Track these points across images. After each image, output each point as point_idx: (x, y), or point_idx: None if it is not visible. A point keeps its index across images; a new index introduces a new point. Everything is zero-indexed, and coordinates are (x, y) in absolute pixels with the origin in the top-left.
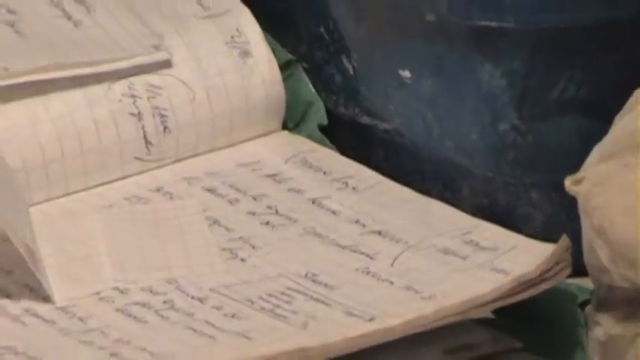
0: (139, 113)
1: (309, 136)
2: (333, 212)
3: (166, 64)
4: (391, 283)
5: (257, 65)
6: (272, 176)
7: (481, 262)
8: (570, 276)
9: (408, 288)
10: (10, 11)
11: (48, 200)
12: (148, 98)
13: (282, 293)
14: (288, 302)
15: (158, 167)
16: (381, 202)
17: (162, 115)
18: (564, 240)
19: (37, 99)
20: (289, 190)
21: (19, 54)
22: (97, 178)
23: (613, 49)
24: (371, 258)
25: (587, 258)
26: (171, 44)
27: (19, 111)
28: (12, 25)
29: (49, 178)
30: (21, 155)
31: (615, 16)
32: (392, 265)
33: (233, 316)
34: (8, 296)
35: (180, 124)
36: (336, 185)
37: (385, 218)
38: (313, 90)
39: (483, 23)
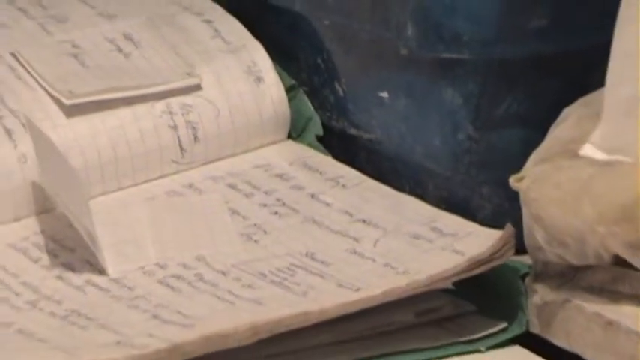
0: (175, 126)
1: (309, 145)
2: (327, 204)
3: (197, 88)
4: (373, 260)
5: (268, 89)
6: (279, 176)
7: (444, 244)
8: (513, 254)
9: (387, 265)
10: (74, 46)
11: (103, 194)
12: (182, 114)
13: (288, 268)
14: (292, 275)
15: (190, 169)
16: (365, 197)
17: (194, 128)
18: (509, 227)
19: (96, 115)
20: (292, 187)
21: (82, 80)
22: (142, 176)
23: (546, 75)
24: (357, 241)
25: (527, 240)
26: (201, 72)
27: (81, 124)
28: (76, 56)
29: (104, 177)
30: (83, 159)
31: (547, 50)
32: (374, 246)
33: (249, 286)
34: (72, 270)
35: (208, 135)
36: (329, 183)
37: (368, 210)
38: (312, 108)
39: (445, 55)
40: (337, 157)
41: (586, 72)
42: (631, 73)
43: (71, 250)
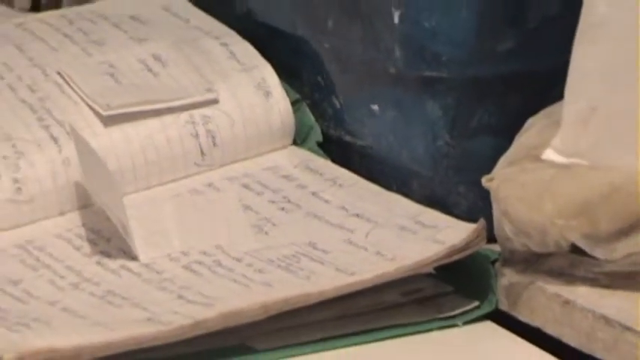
0: (196, 134)
1: (310, 150)
2: (326, 201)
3: (215, 101)
4: (366, 249)
5: (275, 102)
6: (286, 176)
7: (426, 235)
8: (485, 243)
9: (377, 253)
10: (110, 66)
11: (135, 192)
12: (203, 124)
13: (293, 256)
14: (296, 262)
15: (209, 170)
16: (359, 195)
17: (212, 135)
18: (481, 221)
19: (129, 124)
20: (297, 186)
21: (117, 94)
22: (168, 177)
23: (512, 90)
24: (352, 232)
25: (497, 231)
26: (218, 88)
27: (116, 132)
28: (112, 75)
29: (136, 177)
30: (118, 162)
31: (513, 69)
32: (366, 237)
33: (260, 271)
34: (109, 256)
35: (224, 141)
36: (328, 183)
37: (361, 205)
38: (313, 119)
39: (427, 74)
40: (335, 160)
41: (547, 88)
42: (586, 89)
43: (108, 239)
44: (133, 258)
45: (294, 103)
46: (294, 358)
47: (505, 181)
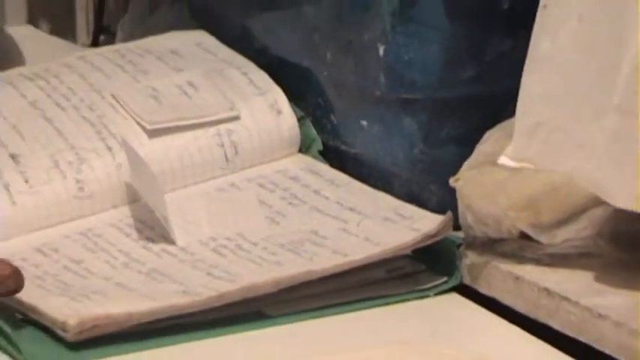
0: (222, 144)
1: (313, 157)
2: (326, 198)
3: (237, 118)
4: (357, 236)
5: (285, 119)
6: (293, 178)
7: (405, 225)
8: (452, 230)
9: (366, 239)
10: (153, 90)
11: (173, 190)
12: (227, 136)
13: (299, 241)
14: (301, 246)
15: (232, 173)
16: (351, 192)
17: (235, 146)
18: (449, 213)
19: (168, 136)
20: (302, 185)
21: (159, 113)
22: (199, 178)
23: (474, 109)
24: (346, 222)
25: (461, 221)
26: (240, 107)
27: (158, 143)
28: (155, 97)
29: (173, 178)
30: (159, 166)
31: (475, 92)
32: (357, 226)
33: (273, 253)
34: (152, 241)
35: (244, 150)
36: (327, 183)
37: (353, 201)
38: (315, 132)
39: (405, 96)
40: (332, 165)
41: (502, 107)
42: (533, 108)
43: (151, 228)
44: (172, 243)
45: (299, 120)
46: (300, 322)
47: (468, 181)
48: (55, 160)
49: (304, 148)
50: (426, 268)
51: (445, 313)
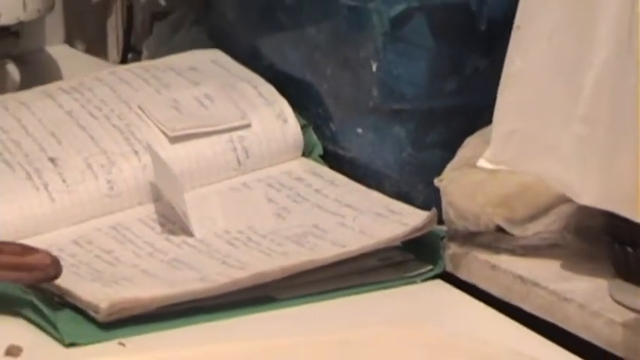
0: (235, 149)
1: (314, 160)
2: (326, 196)
3: (248, 126)
4: (353, 229)
5: (290, 127)
6: (297, 178)
7: (395, 219)
8: (436, 224)
9: (361, 232)
10: (174, 101)
11: (191, 189)
12: (239, 142)
13: (302, 234)
14: (305, 238)
15: (243, 174)
16: (348, 191)
17: (246, 150)
18: (433, 210)
19: (187, 143)
20: (305, 185)
21: (179, 121)
22: (215, 179)
23: (455, 118)
24: (343, 217)
25: (444, 216)
26: (250, 117)
27: (179, 147)
28: (176, 108)
29: (192, 178)
30: (180, 168)
31: (457, 103)
32: (353, 221)
33: (280, 244)
34: (174, 234)
35: (254, 154)
36: (327, 183)
37: (350, 199)
38: (316, 138)
39: (395, 107)
40: (332, 167)
41: (480, 116)
42: (507, 117)
43: (173, 222)
44: (190, 235)
45: (302, 127)
46: (303, 305)
47: (450, 181)
48: (89, 163)
49: (307, 153)
50: (414, 257)
51: (430, 297)
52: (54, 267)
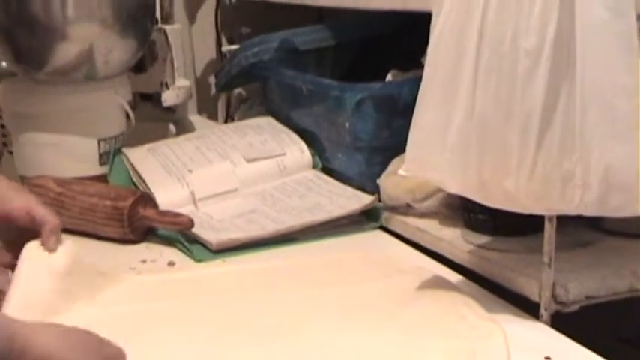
0: (278, 166)
1: (318, 171)
2: (322, 187)
3: (284, 154)
4: (336, 205)
5: (305, 155)
6: (310, 180)
7: (357, 200)
8: (378, 202)
9: (340, 207)
10: (249, 142)
11: (257, 186)
12: (281, 162)
13: (312, 207)
14: (312, 209)
15: (282, 178)
16: (334, 186)
17: (284, 167)
18: (376, 196)
19: (255, 163)
20: (313, 183)
21: (250, 152)
22: (268, 182)
23: (389, 149)
24: (330, 199)
25: (382, 198)
26: (286, 150)
27: (251, 166)
28: (250, 145)
29: (257, 182)
30: (253, 177)
31: (390, 143)
32: (337, 201)
33: (300, 212)
34: (244, 208)
35: (288, 168)
36: (324, 182)
37: (335, 190)
38: (318, 160)
39: (358, 145)
40: (326, 175)
41: (401, 149)
42: (413, 149)
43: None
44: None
45: (312, 155)
46: (309, 242)
47: (385, 181)
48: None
49: (314, 167)
50: (366, 219)
51: (374, 239)
52: (191, 223)
